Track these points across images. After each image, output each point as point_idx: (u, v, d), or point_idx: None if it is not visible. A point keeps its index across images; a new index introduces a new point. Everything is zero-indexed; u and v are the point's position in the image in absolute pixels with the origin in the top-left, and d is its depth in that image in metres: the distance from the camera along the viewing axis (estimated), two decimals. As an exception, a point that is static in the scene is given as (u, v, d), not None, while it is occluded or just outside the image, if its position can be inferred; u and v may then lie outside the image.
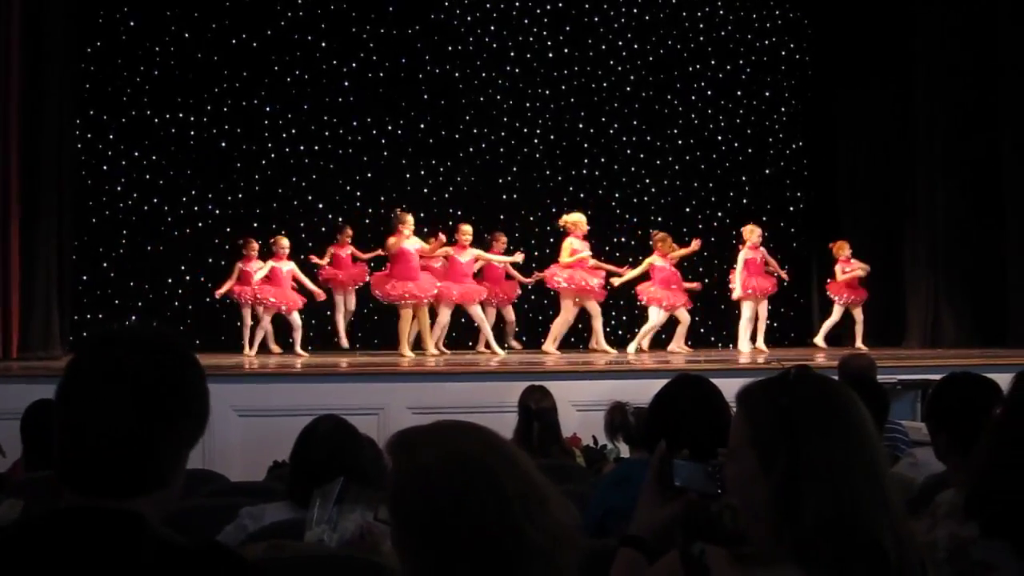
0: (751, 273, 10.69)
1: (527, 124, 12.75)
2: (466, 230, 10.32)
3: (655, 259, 10.64)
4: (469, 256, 10.30)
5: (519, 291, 11.09)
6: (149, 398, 1.54)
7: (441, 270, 10.27)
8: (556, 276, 10.32)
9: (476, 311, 10.32)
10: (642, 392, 3.84)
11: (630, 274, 10.64)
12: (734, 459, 1.77)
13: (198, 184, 11.71)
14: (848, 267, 10.99)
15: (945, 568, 2.13)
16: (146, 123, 11.49)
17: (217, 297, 10.47)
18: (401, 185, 12.29)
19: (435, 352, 10.03)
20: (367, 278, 10.70)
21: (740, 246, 10.85)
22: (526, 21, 12.80)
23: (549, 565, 1.49)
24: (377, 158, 12.28)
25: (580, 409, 7.03)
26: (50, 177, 9.55)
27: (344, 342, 10.85)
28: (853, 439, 1.69)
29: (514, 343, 11.04)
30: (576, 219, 10.46)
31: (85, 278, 11.19)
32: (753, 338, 10.87)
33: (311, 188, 12.06)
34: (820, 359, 9.64)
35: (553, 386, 5.64)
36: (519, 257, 10.64)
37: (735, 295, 10.79)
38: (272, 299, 10.25)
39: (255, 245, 10.44)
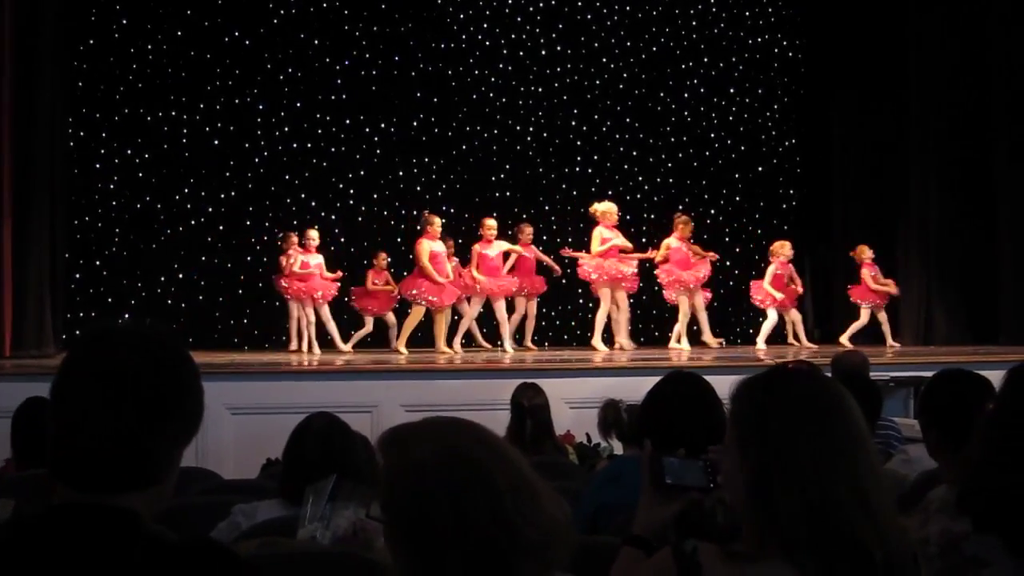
0: (776, 287, 10.81)
1: (520, 122, 12.74)
2: (490, 224, 10.29)
3: (672, 240, 10.56)
4: (497, 249, 10.28)
5: (547, 287, 11.03)
6: (144, 395, 1.54)
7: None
8: (586, 267, 10.22)
9: (501, 307, 10.23)
10: (635, 389, 3.83)
11: (657, 257, 10.58)
12: (725, 455, 1.78)
13: (191, 182, 11.67)
14: (873, 271, 11.03)
15: (937, 563, 2.13)
16: (139, 121, 11.44)
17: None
18: (394, 182, 12.29)
19: (450, 350, 9.99)
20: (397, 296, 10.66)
21: (770, 260, 10.96)
22: (519, 19, 12.80)
23: (541, 560, 1.49)
24: (370, 156, 12.26)
25: (573, 406, 7.02)
26: (43, 175, 9.51)
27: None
28: (835, 436, 1.69)
29: (530, 344, 10.95)
30: (606, 208, 10.34)
31: (78, 276, 11.15)
32: (797, 338, 11.16)
33: (304, 186, 12.03)
34: (817, 356, 9.63)
35: (546, 383, 5.63)
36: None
37: (767, 303, 10.88)
38: (304, 289, 10.24)
39: (294, 239, 10.43)
